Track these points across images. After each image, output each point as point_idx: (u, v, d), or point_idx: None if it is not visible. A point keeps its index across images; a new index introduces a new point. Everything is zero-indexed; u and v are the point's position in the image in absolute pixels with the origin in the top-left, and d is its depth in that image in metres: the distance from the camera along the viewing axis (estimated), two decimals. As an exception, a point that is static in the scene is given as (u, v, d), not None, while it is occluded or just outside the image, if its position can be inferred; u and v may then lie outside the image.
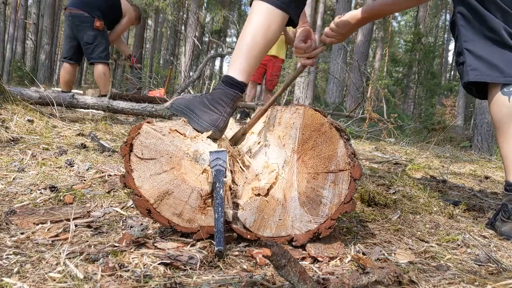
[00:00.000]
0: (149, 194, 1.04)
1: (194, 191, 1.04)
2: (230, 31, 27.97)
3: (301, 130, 1.05)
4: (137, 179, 1.04)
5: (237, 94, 1.36)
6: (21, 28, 18.08)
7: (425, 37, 15.46)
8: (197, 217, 1.05)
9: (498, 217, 1.43)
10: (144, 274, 0.84)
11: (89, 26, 4.09)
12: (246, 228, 1.06)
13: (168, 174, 1.05)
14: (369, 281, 0.82)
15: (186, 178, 1.05)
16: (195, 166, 1.05)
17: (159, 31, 26.11)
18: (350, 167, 1.05)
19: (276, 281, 0.87)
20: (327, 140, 1.05)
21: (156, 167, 1.05)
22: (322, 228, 1.05)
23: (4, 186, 1.41)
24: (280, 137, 1.18)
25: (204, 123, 1.29)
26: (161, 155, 1.05)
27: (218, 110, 1.32)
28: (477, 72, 1.42)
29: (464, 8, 1.45)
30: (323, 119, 1.05)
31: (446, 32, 31.87)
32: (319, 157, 1.05)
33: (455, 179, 2.71)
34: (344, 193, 1.05)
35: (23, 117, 2.30)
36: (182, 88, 4.88)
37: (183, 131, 1.16)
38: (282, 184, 1.06)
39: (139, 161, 1.05)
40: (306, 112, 1.05)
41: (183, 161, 1.05)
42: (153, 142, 1.05)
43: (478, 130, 7.14)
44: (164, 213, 1.05)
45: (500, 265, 1.09)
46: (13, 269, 0.82)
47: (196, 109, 1.32)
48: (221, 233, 0.96)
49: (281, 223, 1.06)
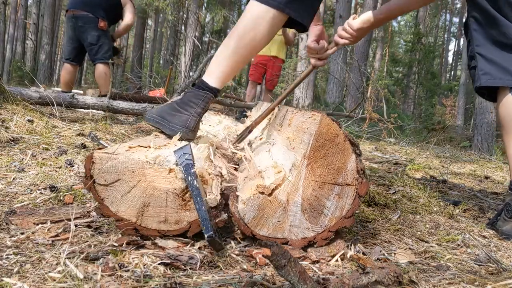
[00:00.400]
0: (128, 214, 1.04)
1: (169, 193, 1.04)
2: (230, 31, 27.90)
3: (315, 137, 1.04)
4: (111, 205, 1.05)
5: (207, 95, 1.33)
6: (21, 28, 18.08)
7: (425, 37, 15.45)
8: (183, 215, 1.05)
9: (501, 217, 1.43)
10: (144, 274, 0.84)
11: (93, 27, 4.08)
12: (244, 223, 1.06)
13: (137, 189, 1.04)
14: (369, 281, 0.82)
15: (156, 185, 1.04)
16: (159, 170, 1.04)
17: (159, 31, 26.11)
18: (358, 183, 1.05)
19: (276, 281, 0.87)
20: (339, 152, 1.05)
21: (124, 187, 1.05)
22: (318, 238, 1.06)
23: (4, 186, 1.41)
24: (289, 138, 1.18)
25: (174, 126, 1.28)
26: (123, 174, 1.04)
27: (187, 111, 1.30)
28: (489, 77, 1.43)
29: (477, 13, 1.45)
30: (339, 130, 1.05)
31: (446, 32, 31.87)
32: (329, 167, 1.05)
33: (455, 179, 2.71)
34: (346, 208, 1.06)
35: (23, 117, 2.30)
36: (182, 88, 4.88)
37: (147, 144, 1.16)
38: (287, 187, 1.06)
39: (105, 188, 1.05)
40: (323, 120, 1.05)
41: (146, 170, 1.04)
42: (110, 165, 1.04)
43: (478, 130, 7.14)
44: (150, 225, 1.05)
45: (500, 265, 1.09)
46: (13, 269, 0.82)
47: (166, 115, 1.31)
48: (207, 219, 0.97)
49: (279, 225, 1.07)
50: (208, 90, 1.33)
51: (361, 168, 1.06)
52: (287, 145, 1.17)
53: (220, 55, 1.35)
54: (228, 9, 16.93)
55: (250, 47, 1.34)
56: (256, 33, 1.31)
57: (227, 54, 1.34)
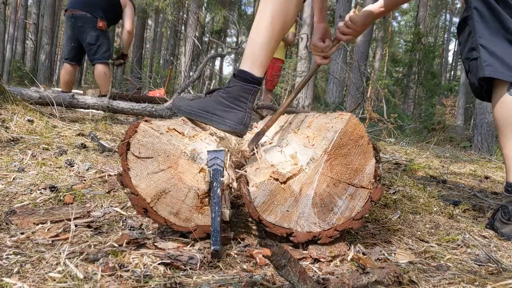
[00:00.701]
0: (146, 193, 1.04)
1: (191, 190, 1.04)
2: (230, 31, 27.96)
3: (340, 134, 1.05)
4: (134, 178, 1.04)
5: (255, 88, 1.31)
6: (21, 28, 18.07)
7: (425, 37, 15.45)
8: (194, 216, 1.05)
9: (497, 217, 1.43)
10: (144, 274, 0.84)
11: (92, 27, 4.08)
12: (253, 206, 1.06)
13: (165, 173, 1.05)
14: (369, 281, 0.82)
15: (183, 177, 1.05)
16: (192, 165, 1.05)
17: (159, 31, 26.10)
18: (373, 187, 1.06)
19: (276, 281, 0.87)
20: (360, 153, 1.06)
21: (153, 166, 1.05)
22: (324, 234, 1.06)
23: (4, 186, 1.41)
24: (309, 137, 1.19)
25: (231, 122, 1.27)
26: (158, 154, 1.05)
27: (241, 108, 1.29)
28: (492, 68, 1.40)
29: (480, 5, 1.45)
30: (364, 133, 1.06)
31: (446, 32, 31.86)
32: (347, 166, 1.06)
33: (455, 179, 2.71)
34: (357, 210, 1.06)
35: (23, 117, 2.30)
36: (182, 88, 4.87)
37: (181, 130, 1.16)
38: (302, 178, 1.06)
39: (136, 159, 1.05)
40: (351, 119, 1.06)
41: (180, 160, 1.05)
42: (150, 141, 1.05)
43: (478, 130, 7.14)
44: (161, 212, 1.05)
45: (500, 265, 1.09)
46: (13, 269, 0.82)
47: (216, 110, 1.29)
48: (218, 232, 0.96)
49: (287, 215, 1.06)
50: (256, 82, 1.31)
51: (379, 174, 1.07)
52: (305, 144, 1.17)
53: (256, 43, 1.32)
54: (228, 9, 16.92)
55: (283, 30, 1.34)
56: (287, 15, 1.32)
57: (265, 41, 1.31)
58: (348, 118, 1.06)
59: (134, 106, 3.46)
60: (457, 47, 27.04)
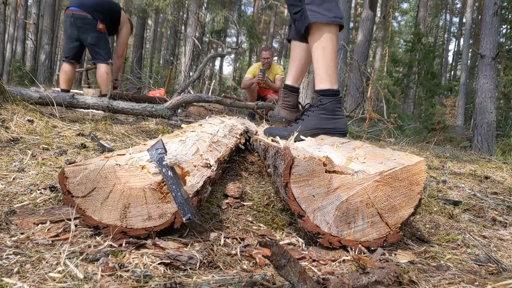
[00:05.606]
0: (113, 219, 1.04)
1: (146, 189, 1.04)
2: (230, 31, 27.96)
3: (403, 168, 1.05)
4: (93, 215, 1.05)
5: (340, 98, 1.85)
6: (21, 28, 18.07)
7: (425, 37, 15.47)
8: (165, 208, 1.05)
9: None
10: (144, 274, 0.84)
11: (92, 28, 4.11)
12: (289, 169, 1.07)
13: (114, 193, 1.04)
14: (369, 281, 0.82)
15: (131, 185, 1.04)
16: (131, 170, 1.04)
17: (159, 31, 26.11)
18: (394, 230, 1.07)
19: (276, 281, 0.87)
20: (407, 196, 1.06)
21: (101, 194, 1.04)
22: (328, 238, 1.07)
23: (4, 186, 1.41)
24: (358, 155, 1.23)
25: (341, 129, 1.81)
26: (97, 181, 1.04)
27: (340, 115, 1.83)
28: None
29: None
30: (422, 183, 1.07)
31: (446, 32, 31.87)
32: (389, 198, 1.06)
33: (455, 179, 2.71)
34: (368, 238, 1.07)
35: (23, 117, 2.30)
36: (182, 88, 4.88)
37: (123, 152, 1.17)
38: (345, 180, 1.06)
39: (83, 199, 1.05)
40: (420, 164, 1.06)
41: (118, 173, 1.04)
42: (83, 176, 1.05)
43: (478, 130, 7.14)
44: (136, 225, 1.04)
45: (500, 265, 1.09)
46: (13, 269, 0.82)
47: (325, 125, 1.80)
48: (183, 204, 0.98)
49: (311, 199, 1.07)
50: (338, 93, 1.85)
51: (405, 222, 1.08)
52: (352, 159, 1.19)
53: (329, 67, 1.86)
54: (228, 9, 16.91)
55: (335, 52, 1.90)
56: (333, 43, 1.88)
57: (334, 65, 1.86)
58: (419, 161, 1.06)
59: (134, 106, 3.46)
60: (457, 47, 26.85)
